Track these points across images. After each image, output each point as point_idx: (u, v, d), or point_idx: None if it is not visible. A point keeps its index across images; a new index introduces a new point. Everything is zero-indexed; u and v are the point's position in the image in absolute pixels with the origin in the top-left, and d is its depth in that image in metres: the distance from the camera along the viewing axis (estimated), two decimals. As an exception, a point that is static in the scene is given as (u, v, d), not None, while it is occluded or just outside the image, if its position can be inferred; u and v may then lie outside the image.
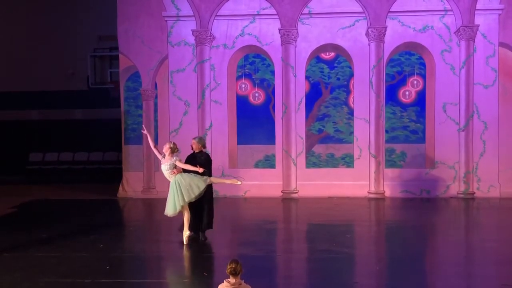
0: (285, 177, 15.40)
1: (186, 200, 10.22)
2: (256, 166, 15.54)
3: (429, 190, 15.05)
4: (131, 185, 15.75)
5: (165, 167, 10.30)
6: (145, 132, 11.18)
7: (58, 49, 19.17)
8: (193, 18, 15.42)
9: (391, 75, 15.24)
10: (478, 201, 14.70)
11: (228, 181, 11.35)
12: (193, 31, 15.42)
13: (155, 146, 10.72)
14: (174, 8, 15.47)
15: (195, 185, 10.23)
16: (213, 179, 10.64)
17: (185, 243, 10.34)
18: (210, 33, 15.38)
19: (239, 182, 10.86)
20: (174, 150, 10.28)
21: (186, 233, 10.38)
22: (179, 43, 15.52)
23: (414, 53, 15.19)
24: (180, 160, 10.30)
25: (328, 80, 15.38)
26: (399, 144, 15.28)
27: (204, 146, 10.72)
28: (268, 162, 15.50)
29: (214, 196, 15.19)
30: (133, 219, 14.01)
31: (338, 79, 15.37)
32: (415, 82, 15.25)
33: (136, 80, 15.70)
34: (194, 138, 10.75)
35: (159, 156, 10.42)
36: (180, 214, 10.52)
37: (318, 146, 15.48)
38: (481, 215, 14.00)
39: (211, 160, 10.78)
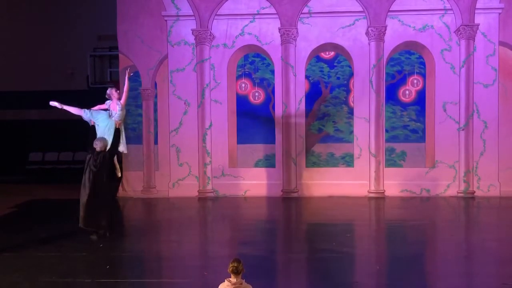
0: (285, 177, 15.38)
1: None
2: (256, 165, 15.52)
3: (429, 189, 15.03)
4: (131, 185, 15.72)
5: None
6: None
7: (57, 48, 19.12)
8: (193, 18, 15.40)
9: (391, 74, 15.23)
10: (478, 200, 14.68)
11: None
12: (193, 30, 15.41)
13: None
14: (174, 7, 15.44)
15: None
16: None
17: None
18: (210, 32, 15.37)
19: (119, 175, 12.15)
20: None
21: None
22: (178, 42, 15.50)
23: (414, 52, 15.17)
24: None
25: (328, 79, 15.37)
26: (399, 143, 15.26)
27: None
28: (268, 162, 15.48)
29: (214, 195, 15.35)
30: (133, 219, 14.00)
31: (338, 78, 15.36)
32: (415, 81, 15.24)
33: (135, 79, 15.65)
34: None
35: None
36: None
37: (318, 146, 15.46)
38: (481, 214, 13.99)
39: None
